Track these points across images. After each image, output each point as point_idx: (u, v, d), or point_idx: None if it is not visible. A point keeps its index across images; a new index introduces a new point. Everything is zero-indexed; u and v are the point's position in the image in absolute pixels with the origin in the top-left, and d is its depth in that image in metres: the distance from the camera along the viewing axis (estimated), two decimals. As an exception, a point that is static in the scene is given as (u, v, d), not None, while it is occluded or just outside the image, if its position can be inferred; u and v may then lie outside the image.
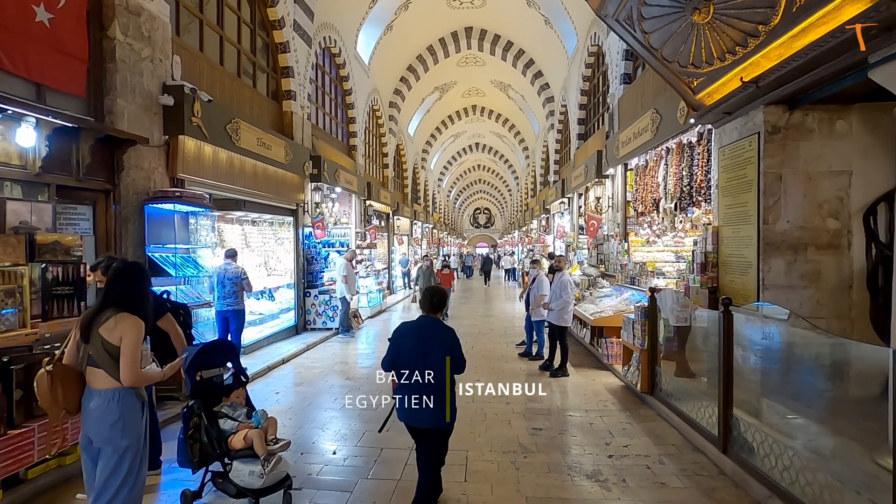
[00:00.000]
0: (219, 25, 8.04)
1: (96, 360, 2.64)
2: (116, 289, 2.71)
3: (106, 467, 2.65)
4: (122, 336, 2.60)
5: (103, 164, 5.33)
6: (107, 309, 2.66)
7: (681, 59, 5.07)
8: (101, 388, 2.64)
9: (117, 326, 2.61)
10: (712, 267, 5.53)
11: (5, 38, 4.29)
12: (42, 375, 2.64)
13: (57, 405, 2.65)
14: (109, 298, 2.69)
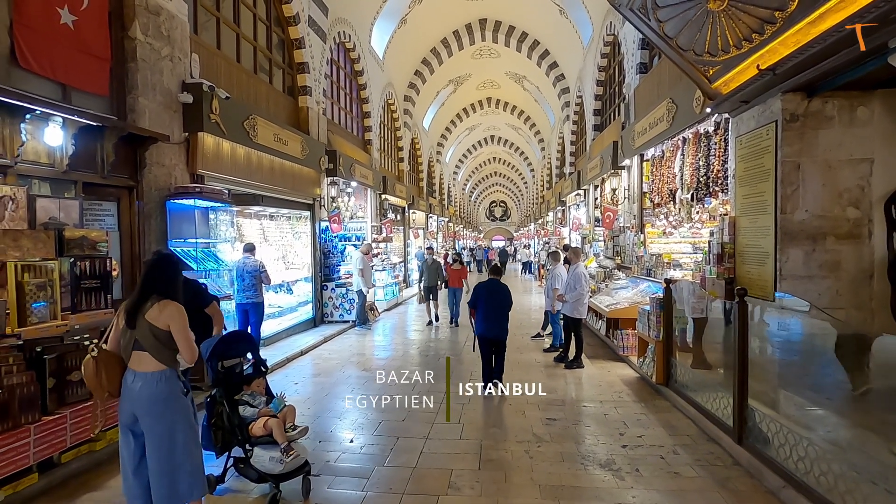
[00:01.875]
0: (235, 23, 8.16)
1: (143, 345, 2.78)
2: (154, 277, 2.87)
3: (161, 445, 2.78)
4: (169, 322, 2.78)
5: (126, 161, 5.49)
6: (149, 297, 2.82)
7: (696, 47, 5.01)
8: (148, 371, 2.79)
9: (162, 313, 2.78)
10: (729, 257, 5.47)
11: (32, 41, 4.44)
12: (88, 361, 2.80)
13: (101, 388, 2.81)
14: (148, 287, 2.84)
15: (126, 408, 2.81)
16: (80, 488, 3.72)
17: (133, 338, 2.80)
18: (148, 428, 2.79)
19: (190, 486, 2.84)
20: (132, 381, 2.80)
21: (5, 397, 3.41)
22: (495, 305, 5.94)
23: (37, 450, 3.56)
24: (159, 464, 2.79)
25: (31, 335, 3.98)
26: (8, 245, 3.99)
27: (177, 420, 2.83)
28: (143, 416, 2.78)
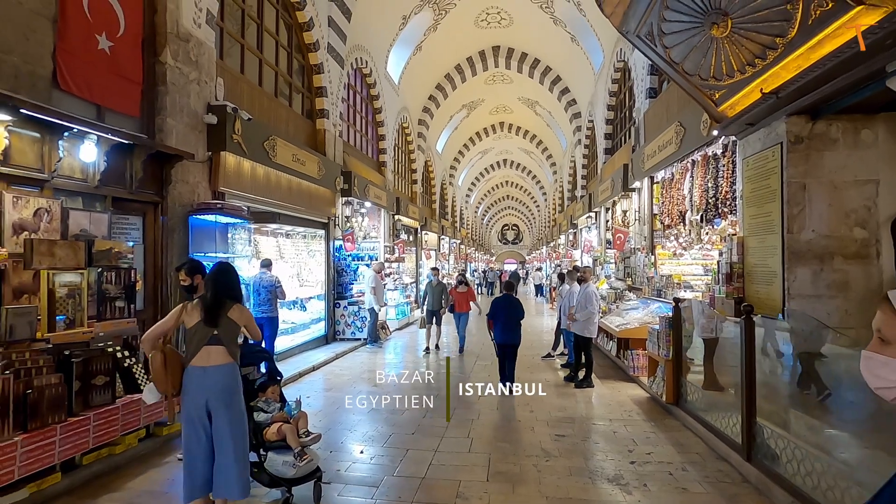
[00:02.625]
0: (258, 49, 8.55)
1: (222, 339, 3.19)
2: (227, 283, 3.30)
3: (234, 431, 3.16)
4: (247, 322, 3.33)
5: (153, 178, 5.76)
6: (225, 300, 3.23)
7: (702, 72, 5.17)
8: (221, 363, 3.17)
9: (241, 314, 3.29)
10: (738, 277, 5.52)
11: (73, 65, 4.76)
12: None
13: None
14: (223, 292, 3.25)
15: (199, 401, 3.11)
16: (101, 489, 3.84)
17: (209, 334, 3.16)
18: (222, 415, 3.12)
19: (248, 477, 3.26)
20: (204, 375, 3.13)
21: (35, 397, 3.57)
22: (511, 316, 6.88)
23: (61, 449, 3.70)
24: (234, 450, 3.13)
25: (60, 340, 4.17)
26: (42, 254, 4.21)
27: (242, 410, 3.26)
28: (219, 405, 3.12)
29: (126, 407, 4.31)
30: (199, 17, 6.37)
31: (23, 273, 4.17)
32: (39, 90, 4.47)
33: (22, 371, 3.61)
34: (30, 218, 4.32)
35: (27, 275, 4.20)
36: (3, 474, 3.32)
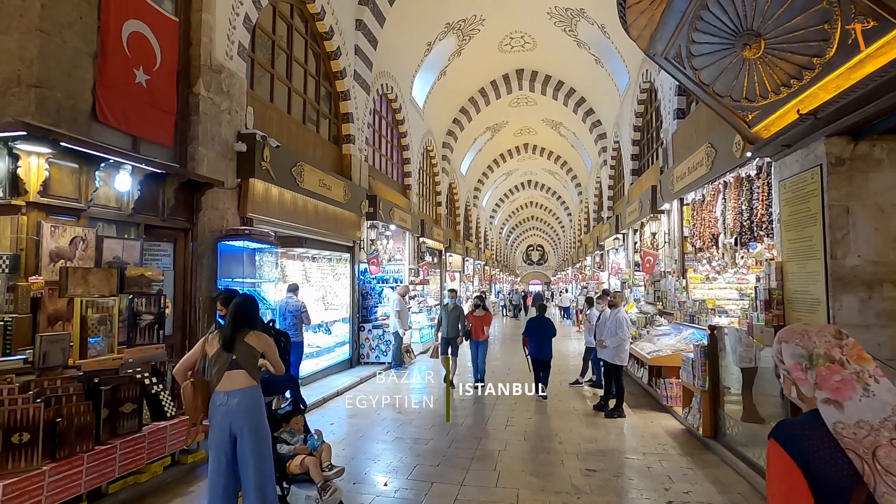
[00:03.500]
0: (287, 78, 8.78)
1: (242, 363, 3.28)
2: (246, 312, 3.42)
3: (256, 453, 3.19)
4: (265, 348, 3.38)
5: (184, 205, 5.89)
6: (243, 327, 3.33)
7: (734, 93, 5.04)
8: (243, 386, 3.26)
9: (260, 339, 3.37)
10: (777, 304, 5.26)
11: (111, 98, 4.94)
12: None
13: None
14: (242, 320, 3.36)
15: (224, 425, 3.17)
16: (124, 520, 3.82)
17: (229, 359, 3.25)
18: (246, 438, 3.15)
19: (274, 499, 3.26)
20: (227, 400, 3.19)
21: (64, 426, 3.60)
22: (543, 335, 8.00)
23: (88, 478, 3.71)
24: (255, 475, 3.14)
25: (90, 367, 4.22)
26: (77, 282, 4.31)
27: (266, 433, 3.28)
28: (242, 427, 3.16)
29: (152, 434, 4.32)
30: (231, 50, 6.58)
31: (57, 300, 4.27)
32: (79, 123, 4.64)
33: (52, 399, 3.65)
34: (66, 246, 4.44)
35: (62, 302, 4.29)
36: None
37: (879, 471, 1.12)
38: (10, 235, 4.20)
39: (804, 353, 1.30)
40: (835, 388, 1.23)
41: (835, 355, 1.27)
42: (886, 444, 1.13)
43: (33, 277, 4.16)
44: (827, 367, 1.26)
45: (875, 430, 1.16)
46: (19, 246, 4.17)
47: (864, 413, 1.18)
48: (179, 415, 4.73)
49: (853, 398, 1.21)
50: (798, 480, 1.19)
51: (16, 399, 3.47)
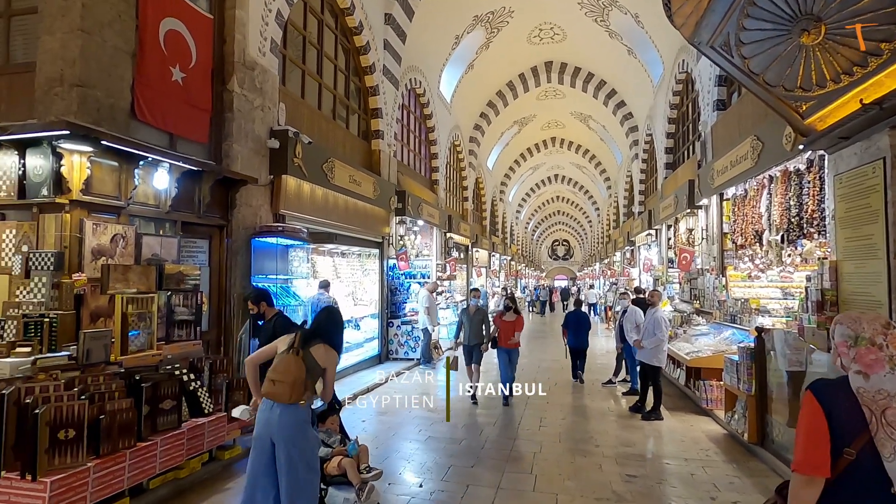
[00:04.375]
0: (318, 74, 8.77)
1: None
2: (327, 326, 3.30)
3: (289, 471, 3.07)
4: (328, 365, 3.22)
5: (219, 202, 5.92)
6: (317, 338, 3.23)
7: (786, 82, 4.76)
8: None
9: (327, 354, 3.21)
10: (831, 306, 4.99)
11: (149, 97, 4.98)
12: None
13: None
14: (319, 333, 3.26)
15: (264, 434, 3.09)
16: (165, 515, 3.86)
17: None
18: (282, 454, 3.05)
19: None
20: (272, 409, 3.08)
21: (108, 422, 3.64)
22: (580, 327, 8.95)
23: (131, 475, 3.75)
24: (289, 485, 3.03)
25: (131, 363, 4.28)
26: (117, 279, 4.37)
27: (306, 447, 3.12)
28: (279, 442, 3.05)
29: (191, 431, 4.35)
30: (264, 46, 6.58)
31: (99, 297, 4.33)
32: (119, 122, 4.69)
33: (96, 395, 3.69)
34: (107, 244, 4.50)
35: (103, 298, 4.35)
36: (77, 499, 3.38)
37: (883, 424, 1.57)
38: (54, 233, 4.28)
39: (852, 334, 1.70)
40: (868, 364, 1.65)
41: (877, 340, 1.66)
42: (891, 412, 1.57)
43: (76, 274, 4.22)
44: (867, 348, 1.66)
45: (890, 398, 1.59)
46: (63, 244, 4.25)
47: (885, 384, 1.61)
48: (217, 411, 4.76)
49: (880, 373, 1.63)
50: (821, 422, 1.61)
51: (62, 396, 3.51)
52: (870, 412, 1.58)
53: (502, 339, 7.37)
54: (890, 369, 1.61)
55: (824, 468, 1.58)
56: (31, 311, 4.10)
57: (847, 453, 1.57)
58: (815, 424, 1.62)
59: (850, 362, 1.69)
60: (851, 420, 1.59)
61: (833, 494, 1.59)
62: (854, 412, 1.59)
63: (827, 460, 1.59)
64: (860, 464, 1.56)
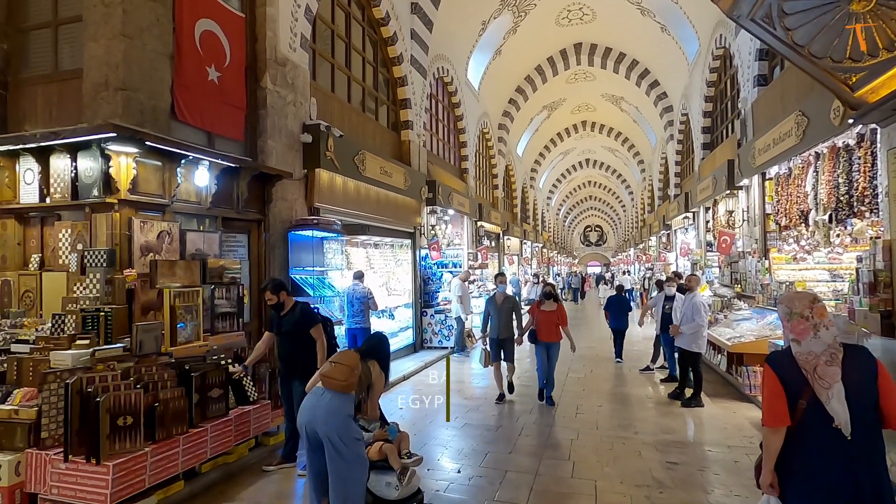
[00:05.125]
0: (347, 67, 8.84)
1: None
2: (380, 349, 3.69)
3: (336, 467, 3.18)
4: (376, 381, 3.56)
5: (256, 197, 6.09)
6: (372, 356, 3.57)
7: (834, 53, 4.52)
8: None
9: (378, 372, 3.57)
10: (885, 287, 4.76)
11: (187, 97, 5.14)
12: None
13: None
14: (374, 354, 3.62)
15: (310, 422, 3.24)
16: (218, 497, 4.05)
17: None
18: (330, 449, 3.17)
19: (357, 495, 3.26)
20: (321, 396, 3.25)
21: (162, 410, 3.84)
22: (621, 309, 9.59)
23: (184, 459, 3.95)
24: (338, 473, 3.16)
25: (180, 354, 4.48)
26: (164, 274, 4.57)
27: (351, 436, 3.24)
28: (326, 433, 3.16)
29: (238, 418, 4.54)
30: (295, 42, 6.67)
31: (149, 291, 4.54)
32: (160, 123, 4.87)
33: (150, 385, 3.89)
34: (154, 240, 4.70)
35: (152, 293, 4.56)
36: (137, 482, 3.60)
37: (816, 378, 2.03)
38: (105, 231, 4.50)
39: (788, 311, 2.17)
40: (799, 332, 2.12)
41: (805, 313, 2.11)
42: (822, 364, 2.04)
43: (127, 270, 4.43)
44: (798, 321, 2.12)
45: (817, 357, 2.06)
46: (114, 241, 4.46)
47: (812, 347, 2.08)
48: (261, 399, 4.95)
49: (808, 338, 2.09)
50: (776, 385, 2.10)
51: (119, 385, 3.72)
52: (806, 372, 2.06)
53: (541, 333, 6.61)
54: (814, 334, 2.07)
55: (784, 419, 2.06)
56: (87, 306, 4.34)
57: (801, 404, 2.04)
58: (773, 387, 2.10)
59: (788, 333, 2.17)
60: (797, 379, 2.07)
61: (796, 436, 2.07)
62: (797, 373, 2.07)
63: (786, 413, 2.06)
64: (810, 410, 2.03)
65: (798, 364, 2.07)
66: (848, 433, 1.96)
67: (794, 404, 2.04)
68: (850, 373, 2.01)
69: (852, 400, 1.98)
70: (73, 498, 3.51)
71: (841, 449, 1.97)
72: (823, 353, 2.04)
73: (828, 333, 2.07)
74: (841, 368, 2.01)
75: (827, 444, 2.00)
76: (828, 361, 2.02)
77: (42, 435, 3.69)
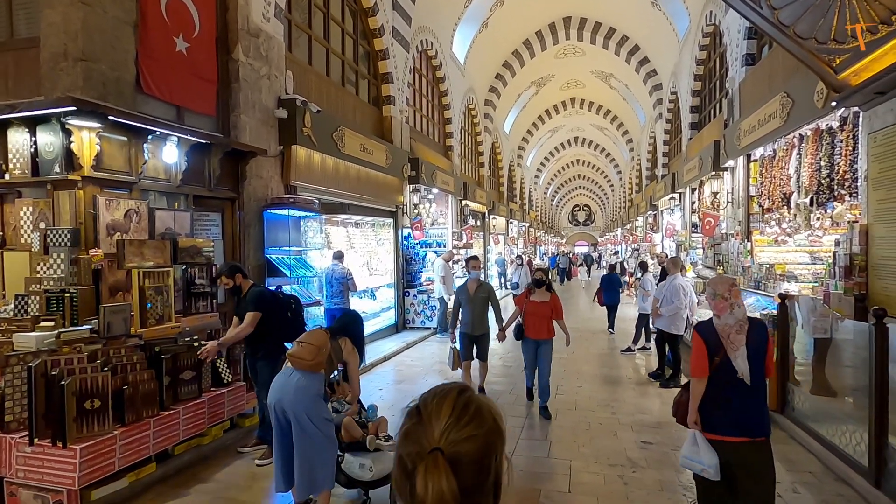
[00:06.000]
0: (325, 38, 8.55)
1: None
2: (352, 328, 3.68)
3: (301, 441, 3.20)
4: (349, 359, 3.59)
5: (229, 174, 5.91)
6: (343, 334, 3.59)
7: (819, 34, 4.45)
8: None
9: (351, 350, 3.58)
10: (860, 271, 4.80)
11: (154, 69, 4.91)
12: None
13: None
14: (346, 331, 3.63)
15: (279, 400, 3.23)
16: (191, 479, 4.02)
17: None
18: (297, 419, 3.17)
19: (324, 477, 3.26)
20: (290, 375, 3.24)
21: (131, 393, 3.76)
22: (613, 287, 10.50)
23: (155, 441, 3.90)
24: (305, 453, 3.19)
25: (150, 336, 4.37)
26: (133, 253, 4.42)
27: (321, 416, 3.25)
28: (294, 407, 3.16)
29: (212, 400, 4.49)
30: (268, 12, 6.40)
31: (117, 272, 4.40)
32: (125, 95, 4.65)
33: (119, 367, 3.81)
34: (121, 219, 4.53)
35: (120, 273, 4.42)
36: (106, 465, 3.54)
37: (728, 343, 2.67)
38: (69, 210, 4.32)
39: (713, 292, 2.76)
40: (719, 309, 2.72)
41: (725, 295, 2.71)
42: (733, 333, 2.67)
43: (93, 250, 4.28)
44: (719, 301, 2.71)
45: (731, 327, 2.68)
46: (78, 220, 4.29)
47: (727, 320, 2.70)
48: (235, 381, 4.89)
49: (725, 314, 2.70)
50: (702, 348, 2.74)
51: (86, 368, 3.63)
52: (723, 338, 2.71)
53: (530, 328, 5.51)
54: (730, 311, 2.70)
55: (706, 371, 2.74)
56: (51, 287, 4.20)
57: (716, 361, 2.72)
58: (699, 348, 2.77)
59: (713, 310, 2.79)
60: (715, 342, 2.73)
61: (712, 382, 2.74)
62: (716, 338, 2.73)
63: (707, 367, 2.75)
64: (722, 364, 2.71)
65: (717, 332, 2.73)
66: (748, 381, 2.68)
67: (712, 361, 2.73)
68: (751, 340, 2.70)
69: (751, 358, 2.69)
70: (40, 481, 3.45)
71: (742, 390, 2.70)
72: (735, 325, 2.70)
73: (739, 311, 2.72)
74: (746, 336, 2.69)
75: (733, 387, 2.70)
76: (738, 331, 2.70)
77: (6, 418, 3.61)
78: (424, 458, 0.80)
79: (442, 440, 0.81)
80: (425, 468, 0.79)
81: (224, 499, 3.77)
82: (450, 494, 0.77)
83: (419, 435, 0.83)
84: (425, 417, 0.85)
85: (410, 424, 0.86)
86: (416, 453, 0.82)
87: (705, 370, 2.75)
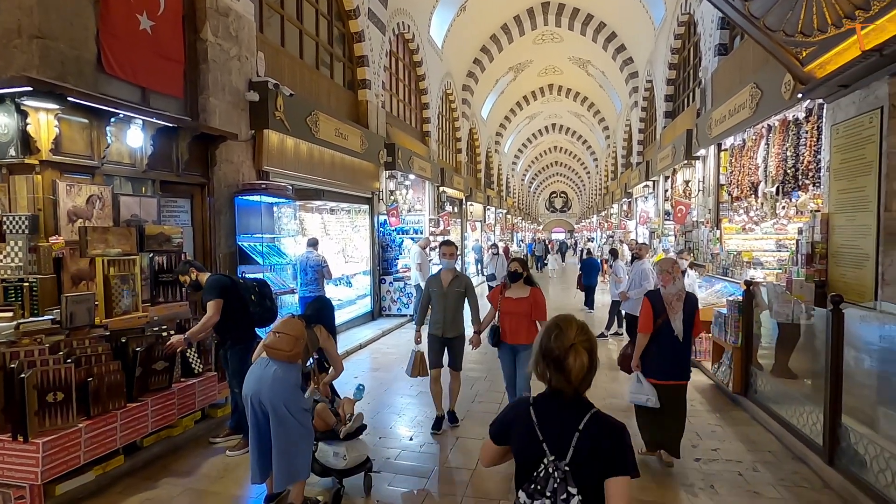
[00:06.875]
0: (298, 19, 8.32)
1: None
2: (324, 314, 3.69)
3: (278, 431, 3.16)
4: (325, 345, 3.59)
5: (199, 159, 5.74)
6: (317, 322, 3.56)
7: (787, 27, 4.53)
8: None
9: (325, 335, 3.58)
10: (820, 259, 4.97)
11: (116, 47, 4.71)
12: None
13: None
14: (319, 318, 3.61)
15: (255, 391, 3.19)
16: (161, 471, 3.96)
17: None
18: (274, 410, 3.13)
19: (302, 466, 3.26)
20: (266, 366, 3.19)
21: (96, 385, 3.66)
22: (591, 270, 11.45)
23: (123, 434, 3.81)
24: (282, 443, 3.15)
25: (116, 326, 4.26)
26: (97, 241, 4.27)
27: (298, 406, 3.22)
28: (271, 398, 3.13)
29: (182, 391, 4.41)
30: (238, -10, 6.18)
31: (79, 260, 4.26)
32: (86, 75, 4.45)
33: (83, 359, 3.69)
34: (83, 205, 4.38)
35: (84, 262, 4.28)
36: (70, 459, 3.45)
37: (670, 308, 3.89)
38: (26, 195, 4.14)
39: (660, 269, 4.06)
40: (665, 281, 3.95)
41: (669, 270, 3.96)
42: (674, 301, 3.91)
43: (53, 238, 4.13)
44: (665, 275, 3.96)
45: (672, 296, 3.90)
46: (37, 206, 4.12)
47: (670, 290, 3.92)
48: (206, 371, 4.81)
49: (669, 286, 3.92)
50: (650, 310, 3.92)
51: (47, 360, 3.51)
52: (666, 303, 3.84)
53: (506, 330, 4.43)
54: (672, 283, 3.88)
55: (651, 328, 3.85)
56: (9, 276, 4.04)
57: (658, 322, 3.83)
58: (648, 312, 3.88)
59: (660, 282, 3.98)
60: (660, 307, 3.85)
61: (654, 339, 3.86)
62: (661, 303, 3.85)
63: (651, 325, 3.85)
64: (663, 324, 3.83)
65: (662, 299, 3.89)
66: (681, 338, 3.85)
67: (656, 321, 3.85)
68: (686, 307, 3.87)
69: (684, 321, 3.85)
70: (0, 477, 3.35)
71: (676, 344, 3.85)
72: (675, 294, 3.88)
73: (679, 283, 3.93)
74: (682, 304, 3.85)
75: (669, 342, 3.85)
76: (677, 299, 3.87)
77: (-37, 413, 3.47)
78: (568, 348, 1.57)
79: (575, 339, 1.58)
80: (575, 352, 1.57)
81: (194, 490, 3.73)
82: (587, 365, 1.59)
83: (562, 337, 1.59)
84: (564, 329, 1.61)
85: (556, 332, 1.61)
86: (562, 346, 1.57)
87: (650, 328, 3.85)
